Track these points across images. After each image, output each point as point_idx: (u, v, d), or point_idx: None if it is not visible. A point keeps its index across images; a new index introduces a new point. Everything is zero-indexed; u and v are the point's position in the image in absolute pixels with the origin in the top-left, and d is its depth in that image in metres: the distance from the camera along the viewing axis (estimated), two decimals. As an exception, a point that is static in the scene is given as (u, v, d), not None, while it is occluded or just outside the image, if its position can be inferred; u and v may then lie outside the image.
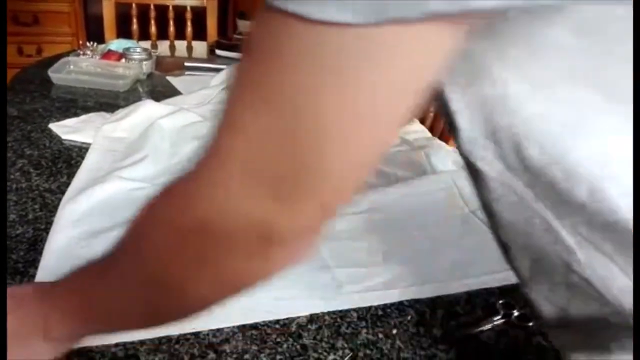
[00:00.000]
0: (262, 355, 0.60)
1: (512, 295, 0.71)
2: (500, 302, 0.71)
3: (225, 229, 0.31)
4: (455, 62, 0.30)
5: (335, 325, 0.65)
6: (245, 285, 0.34)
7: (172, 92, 1.35)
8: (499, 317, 0.68)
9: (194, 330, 0.61)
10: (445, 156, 1.05)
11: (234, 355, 0.59)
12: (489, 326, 0.67)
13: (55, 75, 1.31)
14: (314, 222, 0.31)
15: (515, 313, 0.68)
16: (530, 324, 0.67)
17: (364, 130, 0.28)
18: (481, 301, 0.72)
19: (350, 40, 0.25)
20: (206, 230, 0.32)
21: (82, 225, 0.77)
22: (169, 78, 1.45)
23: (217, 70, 1.47)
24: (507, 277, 0.71)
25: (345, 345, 0.62)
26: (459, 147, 0.35)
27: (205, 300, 0.37)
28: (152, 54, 1.48)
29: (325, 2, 0.24)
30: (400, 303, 0.69)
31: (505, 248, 0.41)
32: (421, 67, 0.27)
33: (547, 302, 0.41)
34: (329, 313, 0.66)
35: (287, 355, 0.60)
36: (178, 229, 0.33)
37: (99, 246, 0.71)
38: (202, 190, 0.31)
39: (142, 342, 0.59)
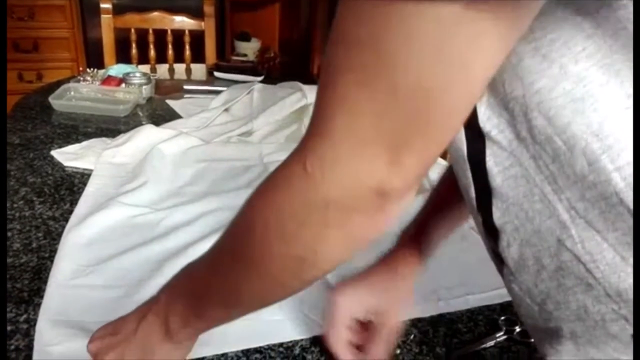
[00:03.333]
0: (266, 378, 0.60)
1: (513, 311, 0.71)
2: (502, 318, 0.71)
3: (348, 198, 0.35)
4: None
5: (338, 346, 0.65)
6: (369, 239, 0.38)
7: (172, 115, 1.36)
8: (502, 333, 0.69)
9: (199, 356, 0.61)
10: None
11: (239, 380, 0.60)
12: (491, 343, 0.67)
13: (56, 101, 1.32)
14: (419, 173, 0.35)
15: (518, 329, 0.69)
16: (533, 339, 0.67)
17: (459, 84, 0.31)
18: (483, 318, 0.72)
19: (444, 14, 0.28)
20: (332, 202, 0.36)
21: (86, 253, 0.77)
22: (168, 101, 1.46)
23: (216, 92, 1.47)
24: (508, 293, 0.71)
25: (349, 366, 0.63)
26: (474, 123, 0.38)
27: (335, 259, 0.40)
28: (152, 77, 1.50)
29: None
30: (403, 322, 0.70)
31: (495, 239, 0.42)
32: (505, 35, 0.30)
33: (527, 297, 0.42)
34: (332, 334, 0.67)
35: (292, 378, 0.61)
36: (301, 207, 0.37)
37: (104, 273, 0.74)
38: (318, 172, 0.35)
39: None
